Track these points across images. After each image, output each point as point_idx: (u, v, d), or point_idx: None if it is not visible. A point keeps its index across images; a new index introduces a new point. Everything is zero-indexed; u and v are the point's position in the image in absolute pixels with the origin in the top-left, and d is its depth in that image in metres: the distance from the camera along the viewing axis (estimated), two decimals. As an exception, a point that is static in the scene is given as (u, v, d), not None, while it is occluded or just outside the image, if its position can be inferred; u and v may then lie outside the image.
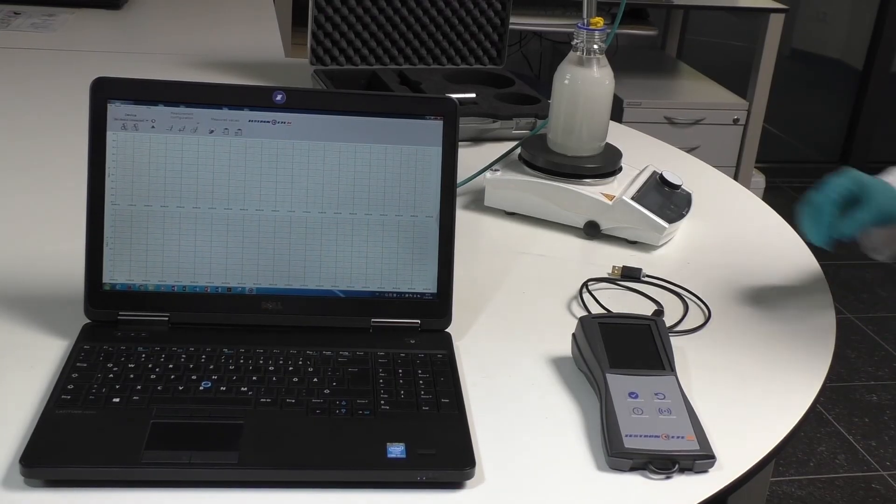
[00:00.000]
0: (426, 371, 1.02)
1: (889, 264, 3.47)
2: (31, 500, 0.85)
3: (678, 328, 1.18)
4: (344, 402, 0.96)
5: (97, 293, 1.06)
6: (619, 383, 1.00)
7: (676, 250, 1.40)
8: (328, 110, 1.08)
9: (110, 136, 1.06)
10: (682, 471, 0.93)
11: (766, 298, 1.29)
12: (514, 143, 1.55)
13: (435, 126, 1.10)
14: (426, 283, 1.10)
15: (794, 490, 2.60)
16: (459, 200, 1.34)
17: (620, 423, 0.95)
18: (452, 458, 0.90)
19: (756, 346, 1.17)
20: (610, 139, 1.49)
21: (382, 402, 0.97)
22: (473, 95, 1.81)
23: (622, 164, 1.47)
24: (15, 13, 2.39)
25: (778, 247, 1.43)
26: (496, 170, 1.49)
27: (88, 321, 1.06)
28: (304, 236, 1.08)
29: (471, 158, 1.54)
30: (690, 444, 0.94)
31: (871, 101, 4.65)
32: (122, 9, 2.52)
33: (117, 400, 0.94)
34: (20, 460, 0.86)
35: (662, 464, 0.92)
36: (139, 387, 0.96)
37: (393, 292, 1.10)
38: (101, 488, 0.86)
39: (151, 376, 0.97)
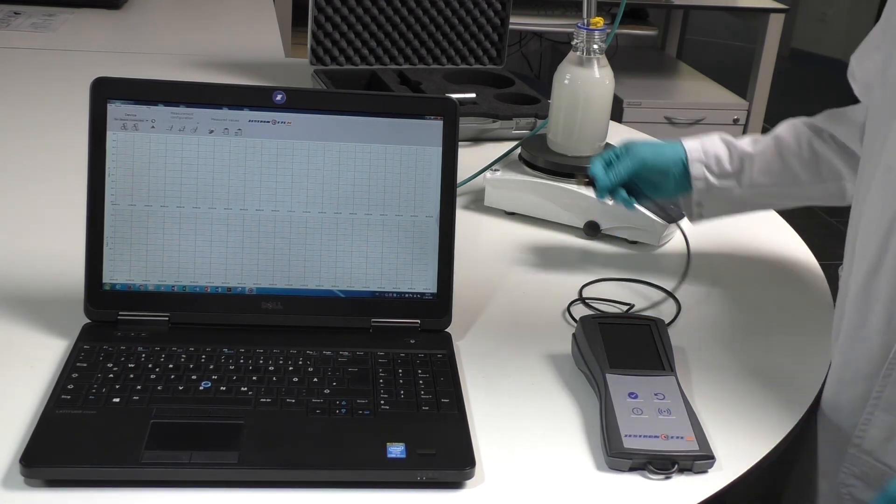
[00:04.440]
0: (426, 371, 1.02)
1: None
2: (31, 500, 0.85)
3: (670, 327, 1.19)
4: (344, 402, 0.96)
5: (97, 293, 1.06)
6: (618, 383, 1.00)
7: (676, 250, 1.40)
8: (328, 110, 1.08)
9: (110, 136, 1.06)
10: (681, 471, 0.93)
11: (766, 297, 1.29)
12: (514, 143, 1.55)
13: (435, 126, 1.10)
14: (426, 283, 1.10)
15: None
16: (459, 200, 1.34)
17: (620, 423, 0.95)
18: (452, 458, 0.90)
19: (756, 345, 1.17)
20: (610, 139, 1.49)
21: (382, 402, 0.97)
22: (473, 95, 1.81)
23: (622, 164, 1.47)
24: (15, 13, 2.39)
25: (778, 246, 1.43)
26: (496, 170, 1.49)
27: (88, 321, 1.06)
28: (304, 236, 1.08)
29: (471, 158, 1.54)
30: (690, 445, 0.94)
31: (871, 101, 4.64)
32: (122, 9, 2.52)
33: (117, 400, 0.94)
34: (20, 460, 0.86)
35: (662, 464, 0.92)
36: (139, 387, 0.96)
37: (393, 292, 1.10)
38: (101, 488, 0.86)
39: (151, 376, 0.97)
